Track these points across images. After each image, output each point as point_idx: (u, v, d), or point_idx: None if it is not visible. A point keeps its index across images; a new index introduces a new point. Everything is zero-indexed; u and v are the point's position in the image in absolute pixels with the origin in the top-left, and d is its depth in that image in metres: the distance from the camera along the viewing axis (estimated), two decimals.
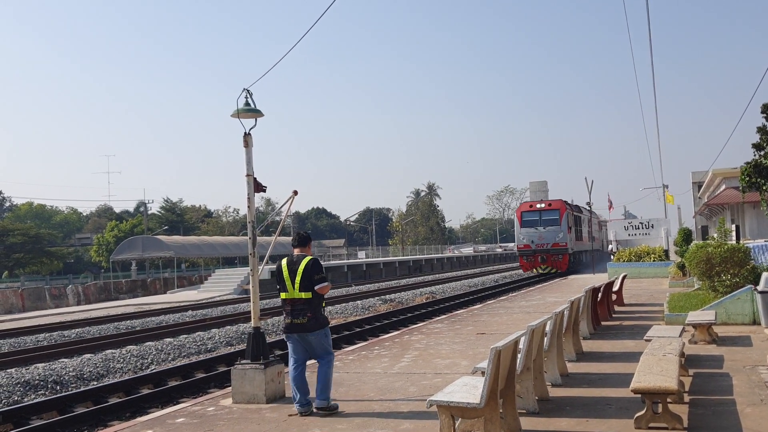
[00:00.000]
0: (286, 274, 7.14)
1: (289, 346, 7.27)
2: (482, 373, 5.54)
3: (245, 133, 8.05)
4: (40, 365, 14.09)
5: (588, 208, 44.67)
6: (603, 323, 13.37)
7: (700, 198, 49.75)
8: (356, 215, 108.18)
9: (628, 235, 37.37)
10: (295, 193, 8.20)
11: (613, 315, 14.89)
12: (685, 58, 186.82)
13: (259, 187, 8.11)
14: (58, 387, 12.09)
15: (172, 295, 42.44)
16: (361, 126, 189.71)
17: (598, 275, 31.53)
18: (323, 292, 7.10)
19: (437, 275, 55.27)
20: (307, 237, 7.51)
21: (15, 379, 12.15)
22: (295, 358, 7.22)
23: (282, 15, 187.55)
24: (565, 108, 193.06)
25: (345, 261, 60.65)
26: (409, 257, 71.84)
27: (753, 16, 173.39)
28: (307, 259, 7.16)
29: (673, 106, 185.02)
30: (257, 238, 8.12)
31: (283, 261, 7.25)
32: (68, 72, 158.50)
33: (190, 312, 27.06)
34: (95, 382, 12.39)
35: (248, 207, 8.11)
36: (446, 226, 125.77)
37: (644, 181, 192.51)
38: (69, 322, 24.94)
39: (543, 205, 38.76)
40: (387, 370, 9.44)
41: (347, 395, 7.85)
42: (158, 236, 59.94)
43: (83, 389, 11.26)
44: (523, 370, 6.50)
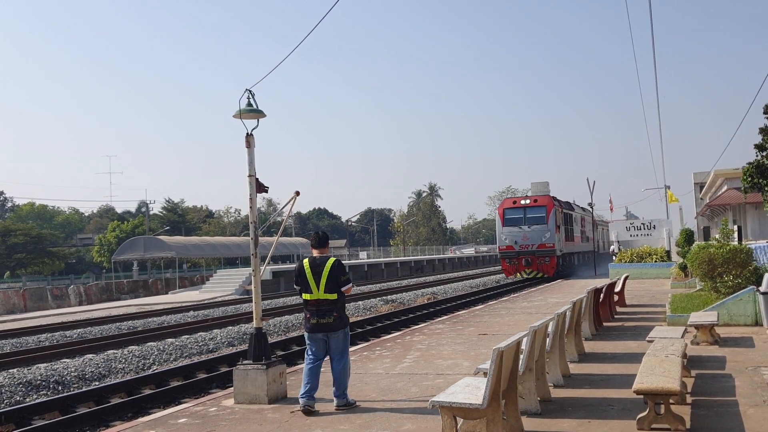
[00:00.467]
0: (309, 275, 7.21)
1: (310, 345, 7.34)
2: (484, 374, 5.54)
3: (247, 133, 8.05)
4: (42, 365, 14.09)
5: (581, 206, 42.26)
6: (605, 324, 13.36)
7: (701, 199, 49.74)
8: (357, 216, 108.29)
9: (630, 235, 37.20)
10: (297, 193, 8.19)
11: (615, 316, 14.87)
12: (687, 58, 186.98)
13: (261, 188, 8.10)
14: (60, 387, 12.10)
15: (174, 295, 42.47)
16: (363, 126, 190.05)
17: (597, 280, 31.39)
18: (348, 293, 7.37)
19: (439, 276, 55.26)
20: (326, 237, 7.58)
21: (17, 380, 12.16)
22: (314, 355, 7.30)
23: (283, 16, 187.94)
24: (567, 108, 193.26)
25: (346, 262, 60.64)
26: (410, 258, 71.81)
27: (755, 17, 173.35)
28: (332, 260, 7.25)
29: (675, 106, 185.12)
30: (259, 238, 8.12)
31: (305, 262, 7.31)
32: (70, 72, 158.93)
33: (191, 312, 27.06)
34: (97, 383, 12.39)
35: (250, 207, 8.10)
36: (448, 226, 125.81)
37: (646, 182, 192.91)
38: (71, 322, 24.95)
39: (528, 201, 34.37)
40: (389, 371, 9.43)
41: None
42: (160, 236, 59.99)
43: (85, 389, 11.26)
44: (526, 371, 6.49)
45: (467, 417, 5.38)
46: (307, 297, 7.26)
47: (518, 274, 34.29)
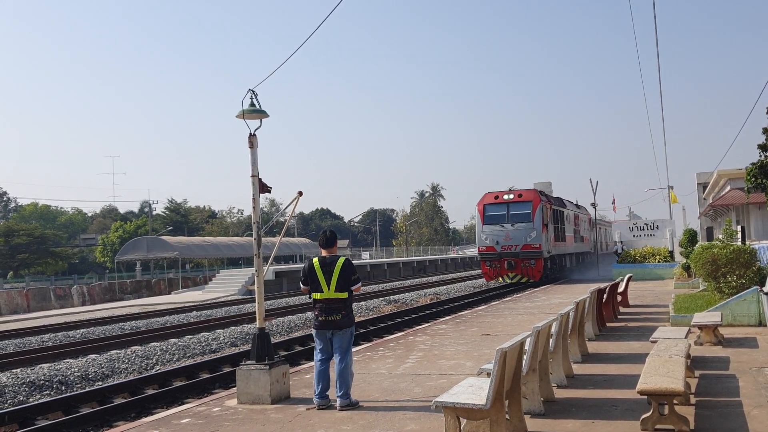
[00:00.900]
0: (320, 274, 7.25)
1: (318, 342, 7.43)
2: (488, 375, 5.54)
3: (250, 134, 8.05)
4: (45, 365, 14.11)
5: (574, 202, 39.77)
6: (608, 324, 13.34)
7: (705, 199, 49.65)
8: (360, 216, 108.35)
9: (633, 236, 37.08)
10: (300, 194, 8.20)
11: (619, 316, 14.85)
12: (690, 58, 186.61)
13: (264, 188, 8.11)
14: (63, 387, 12.12)
15: (177, 295, 42.51)
16: (365, 127, 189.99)
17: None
18: (358, 291, 7.52)
19: (441, 276, 55.23)
20: (334, 237, 7.61)
21: (20, 380, 12.18)
22: (322, 353, 7.39)
23: (285, 17, 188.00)
24: (570, 109, 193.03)
25: None
26: (413, 258, 71.81)
27: (758, 17, 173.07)
28: (342, 259, 7.30)
29: (678, 106, 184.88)
30: (262, 238, 8.12)
31: (315, 261, 7.33)
32: (74, 73, 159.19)
33: (194, 312, 27.08)
34: (100, 383, 12.41)
35: (253, 207, 8.11)
36: (450, 227, 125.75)
37: (649, 182, 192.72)
38: (74, 322, 24.98)
39: (511, 197, 30.24)
40: (392, 371, 9.43)
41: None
42: (163, 237, 60.04)
43: (88, 389, 11.27)
44: (529, 372, 6.48)
45: (470, 417, 5.37)
46: (317, 296, 7.29)
47: (500, 279, 30.57)
